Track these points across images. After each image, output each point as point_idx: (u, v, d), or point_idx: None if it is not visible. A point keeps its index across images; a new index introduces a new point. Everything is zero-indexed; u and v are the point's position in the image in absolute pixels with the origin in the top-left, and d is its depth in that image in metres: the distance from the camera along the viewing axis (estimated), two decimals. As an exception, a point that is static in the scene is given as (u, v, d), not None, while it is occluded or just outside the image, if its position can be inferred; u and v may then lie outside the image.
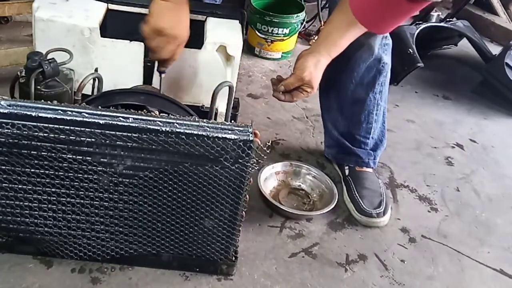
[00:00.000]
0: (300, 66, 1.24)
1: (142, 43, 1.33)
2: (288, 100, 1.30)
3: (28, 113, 0.94)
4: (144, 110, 1.16)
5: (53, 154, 0.99)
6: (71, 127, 0.95)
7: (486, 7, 2.81)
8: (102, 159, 1.00)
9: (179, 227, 1.11)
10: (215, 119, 1.33)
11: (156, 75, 1.34)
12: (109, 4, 1.38)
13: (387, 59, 1.40)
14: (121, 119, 0.96)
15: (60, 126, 0.95)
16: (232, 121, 1.36)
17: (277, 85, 1.29)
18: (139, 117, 0.97)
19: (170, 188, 1.04)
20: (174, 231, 1.11)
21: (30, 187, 1.04)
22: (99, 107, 0.99)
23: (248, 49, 2.22)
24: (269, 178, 1.50)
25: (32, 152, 0.98)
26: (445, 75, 2.34)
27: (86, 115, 0.95)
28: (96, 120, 0.95)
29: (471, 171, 1.74)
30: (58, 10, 1.31)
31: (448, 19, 2.38)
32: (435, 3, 1.19)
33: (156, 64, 1.31)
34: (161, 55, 1.24)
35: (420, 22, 2.30)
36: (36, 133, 0.96)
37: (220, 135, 0.97)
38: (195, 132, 0.97)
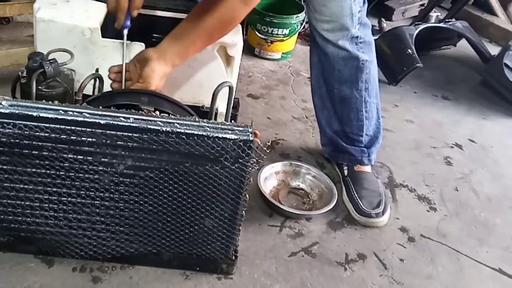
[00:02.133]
0: (148, 75, 1.18)
1: (142, 44, 1.33)
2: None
3: (30, 113, 0.94)
4: (145, 110, 1.16)
5: (54, 154, 0.99)
6: (72, 127, 0.96)
7: (485, 8, 2.81)
8: (103, 159, 1.01)
9: (179, 226, 1.11)
10: (215, 119, 1.34)
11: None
12: (109, 5, 1.39)
13: (366, 57, 1.41)
14: (122, 119, 0.96)
15: (61, 126, 0.96)
16: (232, 121, 1.36)
17: (116, 76, 1.22)
18: (140, 117, 0.98)
19: (170, 187, 1.05)
20: (174, 231, 1.12)
21: (31, 187, 1.04)
22: (100, 107, 1.00)
23: (248, 50, 2.23)
24: (269, 177, 1.51)
25: (33, 152, 0.99)
26: (444, 76, 2.35)
27: (87, 115, 0.96)
28: (97, 120, 0.96)
29: (470, 171, 1.74)
30: (59, 10, 1.31)
31: (447, 20, 2.39)
32: None
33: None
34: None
35: (419, 22, 2.31)
36: (38, 133, 0.96)
37: (220, 135, 0.98)
38: (196, 132, 0.97)
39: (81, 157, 1.00)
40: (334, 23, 1.34)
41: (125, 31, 1.26)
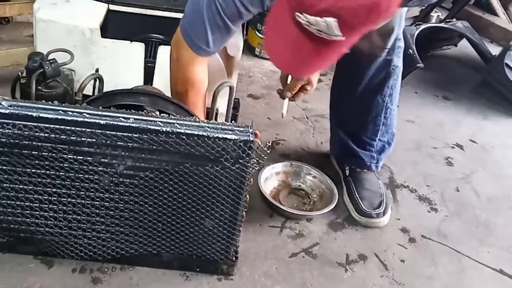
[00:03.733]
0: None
1: (142, 44, 1.33)
2: (291, 100, 1.42)
3: (29, 113, 0.94)
4: (145, 111, 1.16)
5: (54, 155, 0.99)
6: (72, 128, 0.96)
7: (485, 8, 2.81)
8: (102, 159, 1.01)
9: (179, 227, 1.11)
10: (216, 119, 1.34)
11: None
12: (109, 5, 1.39)
13: (398, 62, 1.39)
14: (122, 119, 0.96)
15: (61, 127, 0.95)
16: (233, 121, 1.36)
17: (284, 85, 1.39)
18: (140, 117, 0.98)
19: (170, 188, 1.04)
20: (174, 231, 1.12)
21: (31, 187, 1.04)
22: (100, 107, 1.00)
23: (249, 50, 2.22)
24: (270, 178, 1.50)
25: (33, 152, 0.99)
26: (445, 76, 2.34)
27: (87, 115, 0.95)
28: (97, 121, 0.96)
29: (470, 172, 1.74)
30: (59, 10, 1.31)
31: (447, 20, 2.38)
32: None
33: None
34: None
35: (420, 22, 2.31)
36: (37, 134, 0.96)
37: (220, 136, 0.98)
38: (196, 133, 0.97)
39: (81, 157, 1.00)
40: None
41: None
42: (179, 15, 1.40)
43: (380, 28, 1.05)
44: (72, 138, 0.97)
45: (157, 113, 1.17)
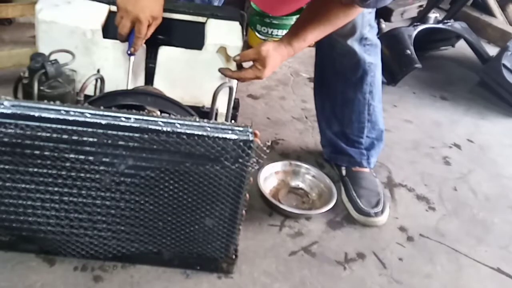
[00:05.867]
0: (261, 44, 1.25)
1: (144, 45, 1.34)
2: (234, 77, 1.28)
3: (31, 113, 0.95)
4: (146, 111, 1.17)
5: (55, 154, 1.00)
6: (74, 127, 0.97)
7: (483, 9, 2.83)
8: (104, 159, 1.01)
9: (180, 225, 1.12)
10: (216, 119, 1.35)
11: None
12: (111, 6, 1.39)
13: (372, 59, 1.41)
14: (123, 119, 0.97)
15: (63, 126, 0.96)
16: (232, 121, 1.37)
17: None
18: (141, 117, 0.98)
19: (171, 187, 1.05)
20: (175, 230, 1.13)
21: (33, 187, 1.05)
22: (101, 107, 1.01)
23: (248, 51, 2.23)
24: (269, 177, 1.51)
25: (35, 152, 1.00)
26: (443, 76, 2.36)
27: (88, 115, 0.96)
28: (98, 121, 0.97)
29: (468, 171, 1.76)
30: (61, 12, 1.32)
31: (445, 21, 2.40)
32: None
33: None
34: (121, 31, 1.25)
35: (418, 23, 2.32)
36: (39, 133, 0.97)
37: (220, 135, 0.99)
38: (196, 132, 0.98)
39: (83, 157, 1.01)
40: None
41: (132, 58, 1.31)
42: (179, 16, 1.42)
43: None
44: (73, 137, 0.97)
45: (158, 113, 1.18)
